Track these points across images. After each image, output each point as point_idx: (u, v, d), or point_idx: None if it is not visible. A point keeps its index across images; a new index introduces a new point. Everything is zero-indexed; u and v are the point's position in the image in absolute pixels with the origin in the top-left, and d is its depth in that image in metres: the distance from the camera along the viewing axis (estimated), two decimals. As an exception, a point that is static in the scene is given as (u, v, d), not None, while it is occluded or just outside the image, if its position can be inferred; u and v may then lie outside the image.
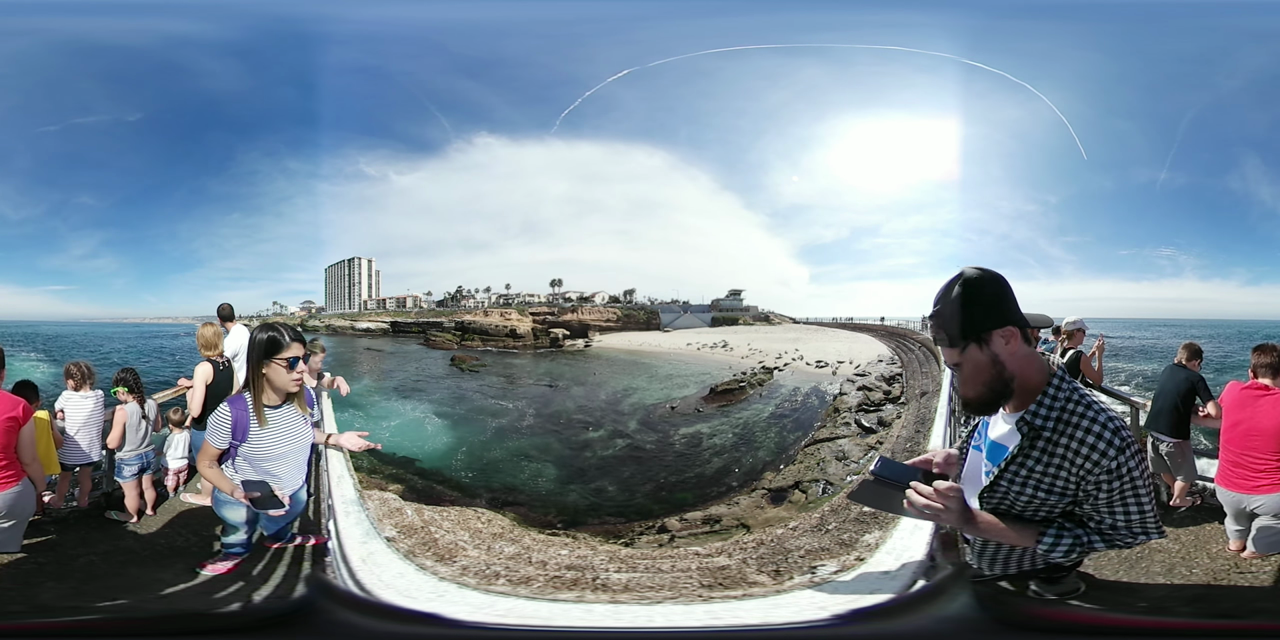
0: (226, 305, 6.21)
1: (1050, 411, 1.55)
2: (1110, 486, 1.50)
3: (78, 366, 4.58)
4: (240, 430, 2.87)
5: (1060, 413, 1.54)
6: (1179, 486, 4.54)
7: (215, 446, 2.89)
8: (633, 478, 13.00)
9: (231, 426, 2.85)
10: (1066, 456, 1.52)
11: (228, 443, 2.88)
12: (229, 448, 2.91)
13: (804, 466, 11.82)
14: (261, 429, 2.90)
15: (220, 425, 2.85)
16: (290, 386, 2.90)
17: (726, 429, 16.51)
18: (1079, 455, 1.50)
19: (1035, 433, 1.56)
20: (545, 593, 3.31)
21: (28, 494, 3.41)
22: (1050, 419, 1.54)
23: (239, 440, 2.88)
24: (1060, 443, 1.53)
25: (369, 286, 49.86)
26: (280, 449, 2.96)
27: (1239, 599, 3.30)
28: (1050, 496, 1.57)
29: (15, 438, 3.31)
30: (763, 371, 23.46)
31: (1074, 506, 1.60)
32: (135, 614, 2.81)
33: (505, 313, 42.56)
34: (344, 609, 2.58)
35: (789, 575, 3.63)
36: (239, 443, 2.89)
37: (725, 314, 44.67)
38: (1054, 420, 1.54)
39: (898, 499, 1.71)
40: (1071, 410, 1.53)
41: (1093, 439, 1.49)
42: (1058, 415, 1.54)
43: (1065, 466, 1.52)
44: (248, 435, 2.88)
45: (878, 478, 1.74)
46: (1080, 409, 1.52)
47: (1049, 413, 1.55)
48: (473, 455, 15.14)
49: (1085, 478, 1.51)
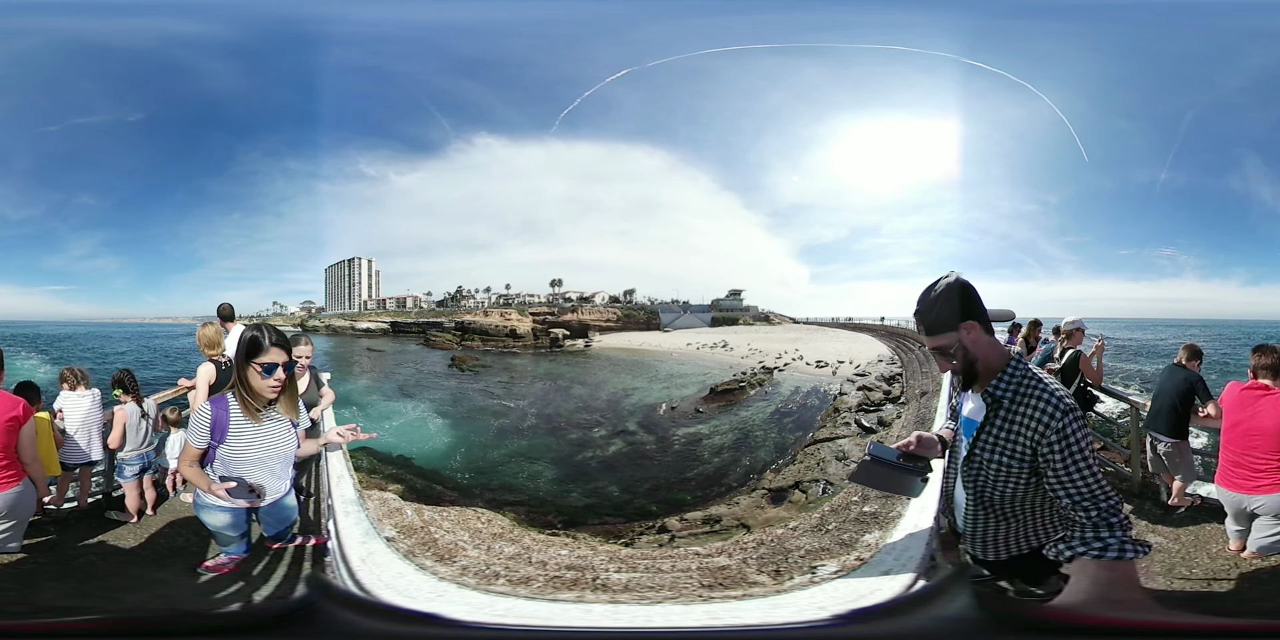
0: (227, 305, 6.20)
1: (1008, 386, 1.90)
2: (1059, 447, 1.78)
3: (71, 370, 4.62)
4: (219, 431, 2.78)
5: (1017, 386, 1.88)
6: (1177, 486, 4.54)
7: (195, 446, 2.81)
8: (633, 478, 13.00)
9: (210, 426, 2.76)
10: (1021, 421, 1.85)
11: (206, 442, 2.79)
12: (209, 448, 2.82)
13: (804, 466, 11.82)
14: (241, 431, 2.80)
15: (199, 425, 2.77)
16: (265, 393, 2.78)
17: (726, 429, 16.51)
18: (1031, 419, 1.82)
19: (997, 403, 1.91)
20: (545, 593, 3.30)
21: (28, 494, 3.42)
22: (1008, 391, 1.89)
23: (217, 441, 2.79)
24: (1017, 410, 1.86)
25: (369, 286, 49.84)
26: (257, 453, 2.85)
27: (1239, 599, 3.31)
28: (1012, 461, 1.88)
29: (16, 437, 3.31)
30: (763, 371, 23.45)
31: (1035, 477, 1.88)
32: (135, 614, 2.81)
33: (505, 313, 42.54)
34: (344, 609, 2.59)
35: (789, 575, 3.63)
36: (217, 444, 2.80)
37: (725, 314, 44.64)
38: (1011, 392, 1.88)
39: (892, 478, 2.13)
40: (1026, 384, 1.88)
41: (1042, 404, 1.81)
42: (1015, 388, 1.88)
43: (1021, 431, 1.85)
44: (225, 436, 2.78)
45: (874, 458, 2.12)
46: (1032, 383, 1.87)
47: (1007, 386, 1.90)
48: (473, 455, 15.14)
49: (1039, 441, 1.81)
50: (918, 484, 2.16)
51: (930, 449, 2.20)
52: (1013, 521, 1.99)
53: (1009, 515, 1.98)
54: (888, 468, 2.14)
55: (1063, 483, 1.79)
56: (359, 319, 46.47)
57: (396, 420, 18.81)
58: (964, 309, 1.91)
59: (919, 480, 2.16)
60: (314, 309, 50.56)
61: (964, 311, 1.90)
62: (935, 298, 1.91)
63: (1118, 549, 1.70)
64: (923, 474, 2.15)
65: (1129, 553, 1.70)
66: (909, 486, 2.16)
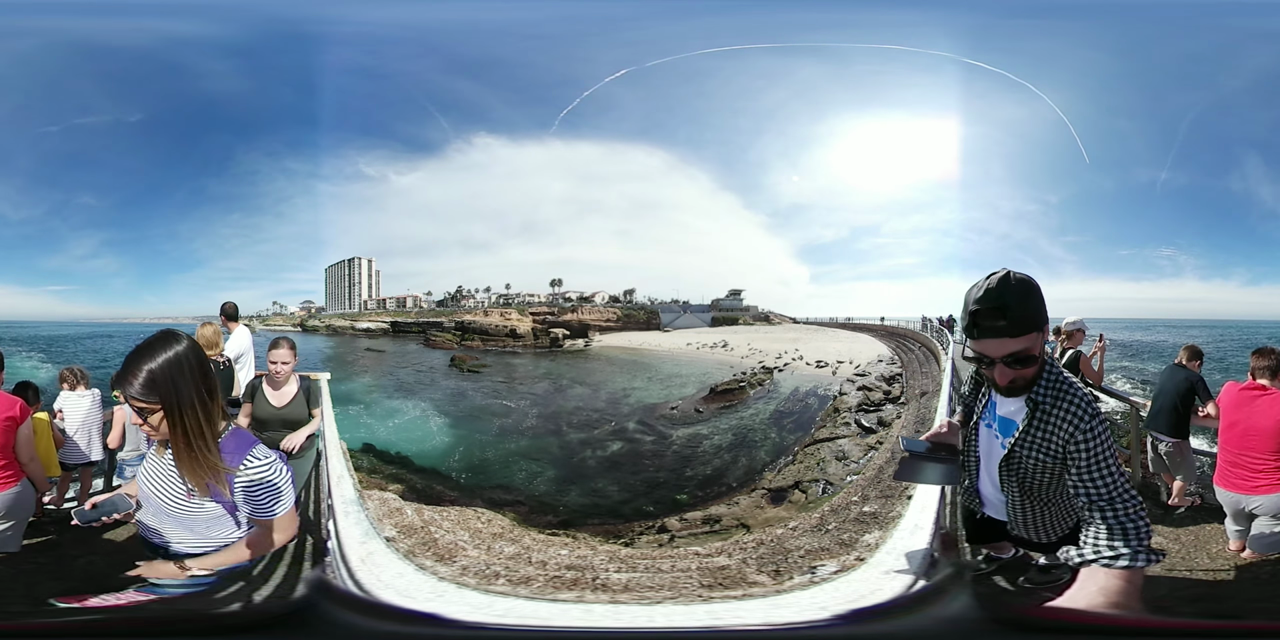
0: (231, 303, 6.13)
1: (1048, 390, 1.90)
2: (1087, 446, 1.81)
3: (71, 370, 4.61)
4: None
5: (1054, 391, 1.90)
6: (1177, 486, 4.53)
7: None
8: (632, 478, 13.00)
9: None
10: (1057, 423, 1.88)
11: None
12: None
13: (804, 466, 11.81)
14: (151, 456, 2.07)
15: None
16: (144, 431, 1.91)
17: (726, 429, 16.50)
18: (1065, 422, 1.86)
19: (1037, 406, 1.92)
20: (545, 593, 3.30)
21: (27, 494, 3.42)
22: (1048, 396, 1.90)
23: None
24: (1054, 413, 1.89)
25: (369, 286, 49.84)
26: (143, 489, 2.08)
27: (1239, 599, 3.30)
28: (1048, 458, 1.93)
29: (13, 437, 3.31)
30: (763, 371, 23.45)
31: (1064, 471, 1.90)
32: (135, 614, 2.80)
33: (505, 313, 42.53)
34: (344, 609, 2.59)
35: (789, 575, 3.63)
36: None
37: (725, 314, 44.63)
38: (1051, 396, 1.90)
39: (931, 469, 2.17)
40: (1061, 389, 1.90)
41: (1077, 409, 1.85)
42: (1054, 393, 1.89)
43: (1056, 432, 1.89)
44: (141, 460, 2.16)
45: (912, 454, 2.16)
46: (1066, 387, 1.90)
47: (1047, 391, 1.90)
48: (472, 455, 15.13)
49: (1070, 439, 1.84)
50: (954, 470, 2.22)
51: (955, 435, 2.26)
52: (1055, 507, 2.09)
53: (1051, 502, 2.08)
54: (924, 460, 2.18)
55: (1084, 482, 1.80)
56: (359, 319, 46.47)
57: (397, 419, 18.80)
58: (1045, 308, 1.77)
59: (954, 468, 2.21)
60: (314, 309, 50.57)
61: (1045, 311, 1.78)
62: (1018, 292, 1.70)
63: (1130, 558, 1.64)
64: (956, 461, 2.21)
65: (1140, 561, 1.64)
66: (947, 475, 2.22)
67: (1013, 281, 1.71)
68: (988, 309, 1.72)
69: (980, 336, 1.79)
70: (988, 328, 1.75)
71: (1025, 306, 1.72)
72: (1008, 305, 1.70)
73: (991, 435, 2.13)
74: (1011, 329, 1.73)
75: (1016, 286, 1.70)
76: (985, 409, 2.16)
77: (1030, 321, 1.73)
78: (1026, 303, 1.72)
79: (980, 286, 1.74)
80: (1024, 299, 1.71)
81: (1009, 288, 1.70)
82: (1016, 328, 1.73)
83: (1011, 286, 1.70)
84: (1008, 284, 1.70)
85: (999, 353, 1.78)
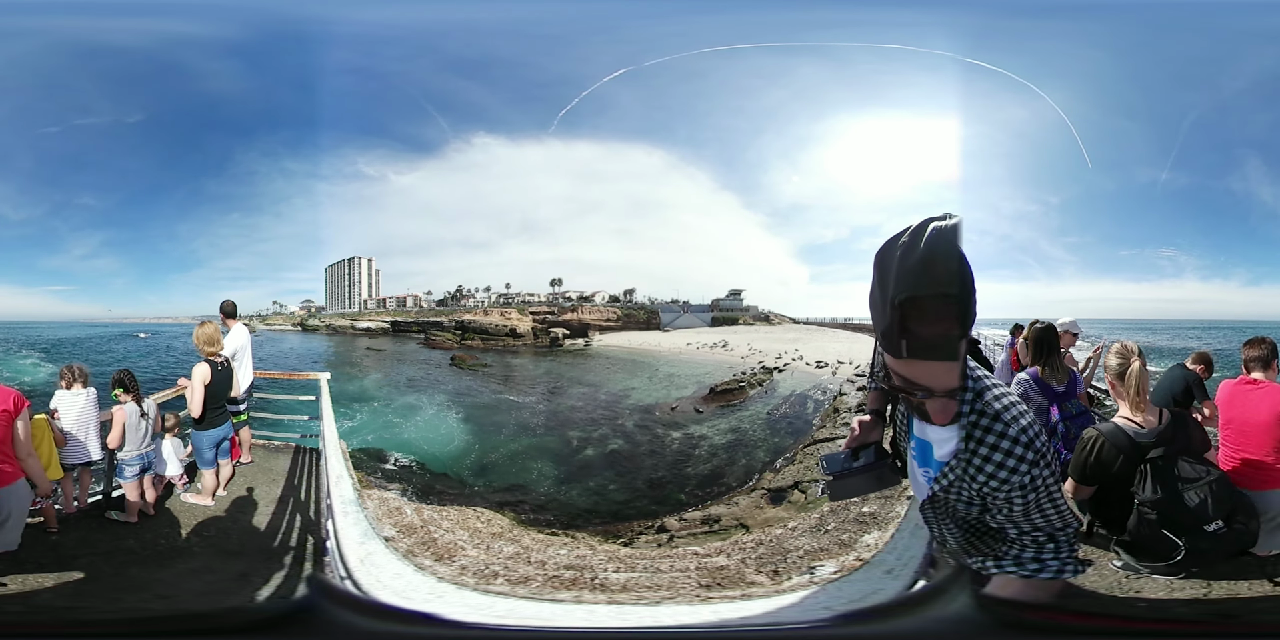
0: (230, 302, 6.11)
1: (980, 415, 1.47)
2: (1019, 496, 1.47)
3: (69, 368, 4.58)
4: None
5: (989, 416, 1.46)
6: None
7: None
8: (631, 477, 12.99)
9: None
10: (993, 470, 1.47)
11: None
12: None
13: (803, 466, 11.81)
14: None
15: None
16: None
17: (726, 429, 16.50)
18: (997, 466, 1.45)
19: (969, 441, 1.48)
20: (544, 592, 3.30)
21: (25, 492, 3.40)
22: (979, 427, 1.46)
23: None
24: (978, 452, 1.48)
25: (369, 286, 49.83)
26: None
27: (1239, 599, 3.30)
28: (978, 499, 1.55)
29: (9, 432, 3.27)
30: (762, 371, 23.45)
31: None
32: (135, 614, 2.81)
33: (505, 312, 42.52)
34: (343, 609, 2.58)
35: (788, 575, 3.62)
36: None
37: (725, 314, 44.60)
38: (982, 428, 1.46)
39: (862, 481, 1.96)
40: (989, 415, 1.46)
41: (1011, 451, 1.43)
42: (987, 421, 1.46)
43: (991, 476, 1.48)
44: None
45: (833, 475, 1.98)
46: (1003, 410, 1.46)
47: (979, 418, 1.47)
48: (472, 455, 15.13)
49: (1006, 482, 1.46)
50: (887, 473, 1.96)
51: (876, 430, 1.95)
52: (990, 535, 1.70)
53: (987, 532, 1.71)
54: (849, 475, 1.97)
55: (1014, 520, 1.52)
56: (359, 318, 46.49)
57: (397, 418, 18.80)
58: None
59: (885, 469, 1.96)
60: (314, 308, 50.59)
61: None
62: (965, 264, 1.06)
63: (1055, 570, 1.52)
64: (884, 461, 1.96)
65: (1066, 574, 1.52)
66: (881, 480, 1.97)
67: (955, 244, 1.02)
68: (934, 299, 1.04)
69: (919, 354, 1.12)
70: (932, 340, 1.09)
71: (972, 292, 1.08)
72: (965, 294, 1.05)
73: (910, 458, 1.74)
74: (965, 335, 1.10)
75: (959, 254, 1.03)
76: (902, 421, 1.73)
77: (972, 311, 1.10)
78: (973, 284, 1.07)
79: (909, 252, 1.05)
80: (971, 278, 1.07)
81: (956, 256, 1.03)
82: (966, 331, 1.10)
83: (960, 254, 1.03)
84: (954, 248, 1.02)
85: (947, 383, 1.18)
